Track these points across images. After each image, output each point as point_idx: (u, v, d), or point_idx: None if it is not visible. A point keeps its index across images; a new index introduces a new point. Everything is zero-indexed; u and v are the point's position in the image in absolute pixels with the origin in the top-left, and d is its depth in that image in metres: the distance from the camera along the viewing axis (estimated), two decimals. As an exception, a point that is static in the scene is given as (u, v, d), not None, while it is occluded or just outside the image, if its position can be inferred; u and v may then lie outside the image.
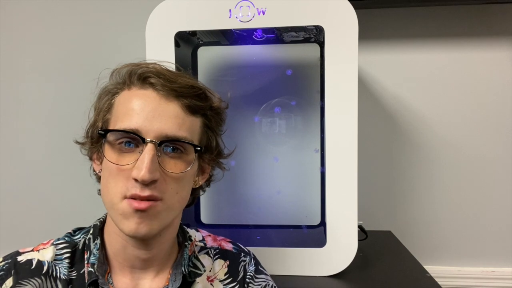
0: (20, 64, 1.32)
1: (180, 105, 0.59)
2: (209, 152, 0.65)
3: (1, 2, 1.31)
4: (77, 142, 0.64)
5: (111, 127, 0.59)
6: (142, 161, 0.54)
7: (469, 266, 1.26)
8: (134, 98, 0.58)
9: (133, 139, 0.57)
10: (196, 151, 0.60)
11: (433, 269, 0.95)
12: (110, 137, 0.58)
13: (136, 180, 0.54)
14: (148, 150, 0.55)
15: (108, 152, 0.58)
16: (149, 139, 0.55)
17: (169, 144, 0.57)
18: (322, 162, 1.00)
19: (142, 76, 0.59)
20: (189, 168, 0.59)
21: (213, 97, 0.65)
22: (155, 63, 0.62)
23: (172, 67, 0.64)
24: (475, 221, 1.25)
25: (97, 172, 0.63)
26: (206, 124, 0.64)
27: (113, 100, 0.61)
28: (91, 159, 0.64)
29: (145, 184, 0.54)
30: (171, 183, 0.57)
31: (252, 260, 0.71)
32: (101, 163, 0.61)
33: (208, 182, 0.70)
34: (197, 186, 0.66)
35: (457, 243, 1.26)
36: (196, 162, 0.62)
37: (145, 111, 0.57)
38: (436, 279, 0.86)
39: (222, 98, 0.67)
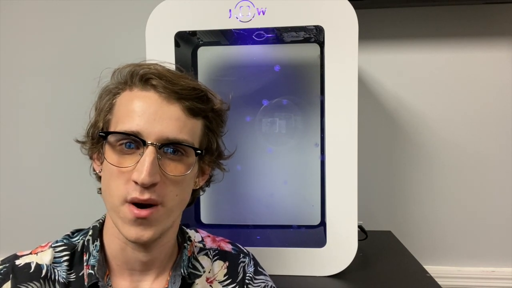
0: (21, 63, 1.32)
1: (182, 107, 0.58)
2: (209, 154, 0.64)
3: (1, 2, 1.31)
4: (78, 141, 0.64)
5: (112, 128, 0.59)
6: (143, 164, 0.54)
7: (469, 266, 1.26)
8: (135, 99, 0.58)
9: (134, 141, 0.57)
10: (196, 154, 0.59)
11: (433, 269, 0.95)
12: (111, 138, 0.58)
13: (136, 182, 0.54)
14: (149, 153, 0.55)
15: (109, 153, 0.58)
16: (150, 142, 0.55)
17: (170, 147, 0.57)
18: (322, 163, 1.00)
19: (144, 77, 0.59)
20: (189, 171, 0.59)
21: (214, 99, 0.64)
22: (156, 64, 0.61)
23: (173, 67, 0.64)
24: (475, 221, 1.25)
25: (97, 171, 0.63)
26: (207, 126, 0.63)
27: (114, 100, 0.61)
28: (91, 158, 0.64)
29: (145, 187, 0.54)
30: (171, 186, 0.57)
31: (251, 261, 0.71)
32: (101, 163, 0.61)
33: (207, 183, 0.69)
34: (197, 187, 0.66)
35: (457, 243, 1.26)
36: (196, 164, 0.61)
37: (147, 114, 0.56)
38: (436, 279, 0.86)
39: (223, 99, 0.66)
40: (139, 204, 0.55)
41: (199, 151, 0.59)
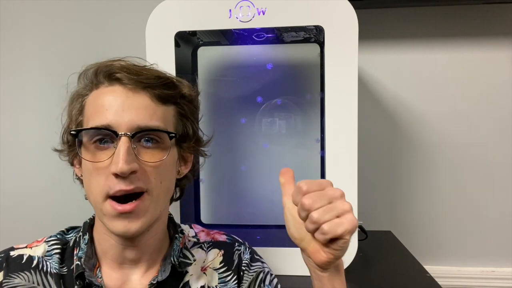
0: (19, 64, 1.32)
1: (149, 95, 0.59)
2: (187, 140, 0.65)
3: (1, 2, 1.31)
4: (56, 150, 0.64)
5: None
6: (118, 154, 0.54)
7: (469, 266, 1.26)
8: (102, 95, 0.58)
9: (106, 135, 0.57)
10: (171, 137, 0.59)
11: (433, 269, 0.95)
12: (84, 137, 0.58)
13: (116, 175, 0.54)
14: (123, 143, 0.54)
15: (85, 153, 0.58)
16: (122, 133, 0.55)
17: (143, 135, 0.57)
18: (322, 162, 1.00)
19: (107, 73, 0.59)
20: (166, 156, 0.58)
21: (181, 85, 0.64)
22: (120, 59, 0.62)
23: (139, 61, 0.64)
24: (475, 221, 1.25)
25: (79, 176, 0.63)
26: (180, 112, 0.63)
27: (83, 102, 0.61)
28: (72, 164, 0.64)
29: (125, 177, 0.54)
30: (153, 173, 0.57)
31: (248, 249, 0.71)
32: (81, 166, 0.61)
33: (193, 172, 0.69)
34: (181, 176, 0.66)
35: (457, 243, 1.26)
36: (174, 150, 0.62)
37: (115, 106, 0.57)
38: (436, 279, 0.86)
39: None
40: (123, 198, 0.55)
41: (172, 134, 0.59)
